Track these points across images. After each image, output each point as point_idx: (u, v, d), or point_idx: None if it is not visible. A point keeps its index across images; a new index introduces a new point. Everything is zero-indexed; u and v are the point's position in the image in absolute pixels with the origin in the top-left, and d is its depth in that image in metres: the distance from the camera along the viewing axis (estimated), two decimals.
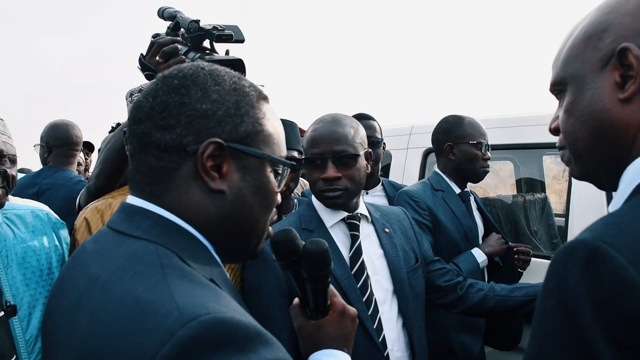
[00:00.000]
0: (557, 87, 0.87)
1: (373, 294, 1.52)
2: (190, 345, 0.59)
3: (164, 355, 0.58)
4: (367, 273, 1.53)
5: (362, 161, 1.59)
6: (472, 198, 2.41)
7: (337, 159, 1.53)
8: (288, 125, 2.10)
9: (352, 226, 1.59)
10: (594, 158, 0.82)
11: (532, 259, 2.60)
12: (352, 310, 1.07)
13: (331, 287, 1.07)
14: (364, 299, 1.49)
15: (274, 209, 0.88)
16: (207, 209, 0.78)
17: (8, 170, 1.50)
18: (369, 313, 1.49)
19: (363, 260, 1.54)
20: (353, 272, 1.51)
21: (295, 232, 1.01)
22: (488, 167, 2.35)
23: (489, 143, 2.89)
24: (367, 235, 1.62)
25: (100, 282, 0.70)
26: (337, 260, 1.49)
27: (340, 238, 1.57)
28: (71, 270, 0.80)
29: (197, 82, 0.79)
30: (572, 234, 2.33)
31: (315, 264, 0.98)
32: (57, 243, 1.65)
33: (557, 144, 0.93)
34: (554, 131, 0.92)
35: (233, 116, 0.79)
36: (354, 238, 1.57)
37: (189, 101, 0.77)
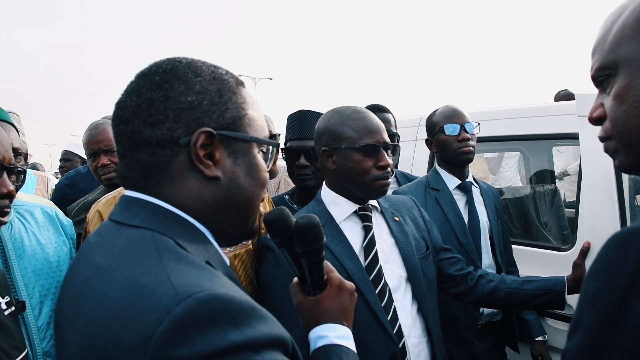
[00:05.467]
0: (606, 72, 0.80)
1: (387, 284, 1.54)
2: (186, 321, 0.62)
3: (162, 332, 0.61)
4: (380, 263, 1.55)
5: None
6: (477, 190, 2.37)
7: (387, 148, 1.58)
8: (312, 116, 2.09)
9: (364, 217, 1.61)
10: None
11: (543, 250, 2.60)
12: (349, 284, 1.07)
13: (327, 262, 1.08)
14: (377, 290, 1.50)
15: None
16: (204, 196, 0.81)
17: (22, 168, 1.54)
18: (383, 304, 1.50)
19: (377, 250, 1.56)
20: (367, 262, 1.53)
21: (287, 211, 1.02)
22: (467, 147, 2.23)
23: (499, 134, 2.87)
24: (378, 225, 1.64)
25: (101, 269, 0.73)
26: (348, 253, 1.52)
27: (352, 231, 1.58)
28: (77, 262, 0.83)
29: (178, 76, 0.81)
30: (583, 225, 2.31)
31: (307, 238, 0.99)
32: (64, 239, 1.71)
33: (599, 135, 0.85)
34: (596, 121, 0.84)
35: (218, 104, 0.81)
36: (367, 229, 1.59)
37: (174, 95, 0.79)
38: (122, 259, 0.72)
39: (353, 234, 1.58)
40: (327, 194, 1.65)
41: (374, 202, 1.66)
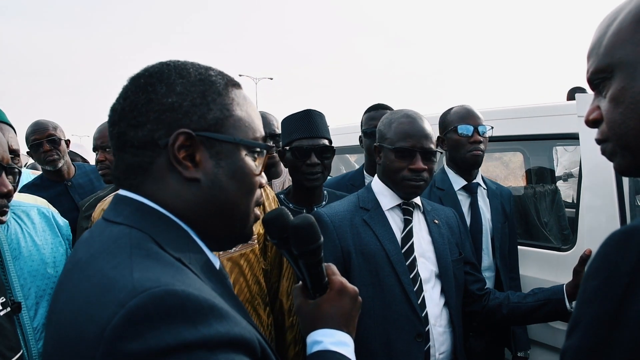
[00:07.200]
0: (601, 75, 0.80)
1: (419, 274, 1.66)
2: (139, 316, 0.61)
3: (115, 325, 0.61)
4: (415, 254, 1.69)
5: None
6: (484, 192, 2.36)
7: (424, 154, 1.69)
8: (317, 115, 2.12)
9: (406, 212, 1.75)
10: None
11: (543, 250, 2.59)
12: (352, 288, 1.02)
13: (331, 265, 1.05)
14: (410, 276, 1.65)
15: (258, 191, 0.89)
16: (186, 197, 0.80)
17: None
18: (415, 289, 1.62)
19: (413, 242, 1.70)
20: (403, 251, 1.66)
21: (286, 211, 1.00)
22: (478, 150, 2.23)
23: (500, 134, 2.87)
24: (418, 222, 1.79)
25: (80, 264, 0.74)
26: (389, 237, 1.69)
27: (395, 220, 1.75)
28: (68, 258, 0.84)
29: (162, 78, 0.81)
30: (583, 225, 2.31)
31: (302, 238, 0.96)
32: (60, 239, 1.72)
33: (596, 137, 0.85)
34: (592, 123, 0.84)
35: (200, 105, 0.80)
36: (407, 222, 1.74)
37: (156, 97, 0.79)
38: (99, 254, 0.73)
39: (394, 223, 1.73)
40: (377, 184, 1.81)
41: (417, 201, 1.79)
